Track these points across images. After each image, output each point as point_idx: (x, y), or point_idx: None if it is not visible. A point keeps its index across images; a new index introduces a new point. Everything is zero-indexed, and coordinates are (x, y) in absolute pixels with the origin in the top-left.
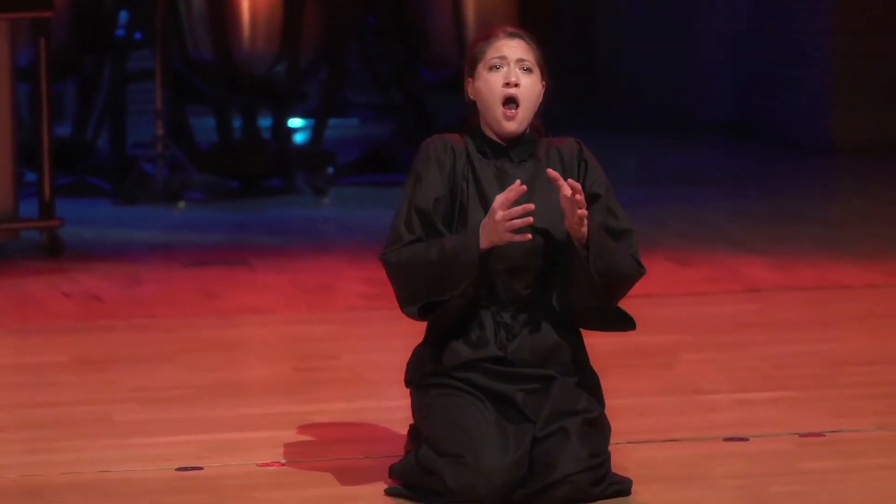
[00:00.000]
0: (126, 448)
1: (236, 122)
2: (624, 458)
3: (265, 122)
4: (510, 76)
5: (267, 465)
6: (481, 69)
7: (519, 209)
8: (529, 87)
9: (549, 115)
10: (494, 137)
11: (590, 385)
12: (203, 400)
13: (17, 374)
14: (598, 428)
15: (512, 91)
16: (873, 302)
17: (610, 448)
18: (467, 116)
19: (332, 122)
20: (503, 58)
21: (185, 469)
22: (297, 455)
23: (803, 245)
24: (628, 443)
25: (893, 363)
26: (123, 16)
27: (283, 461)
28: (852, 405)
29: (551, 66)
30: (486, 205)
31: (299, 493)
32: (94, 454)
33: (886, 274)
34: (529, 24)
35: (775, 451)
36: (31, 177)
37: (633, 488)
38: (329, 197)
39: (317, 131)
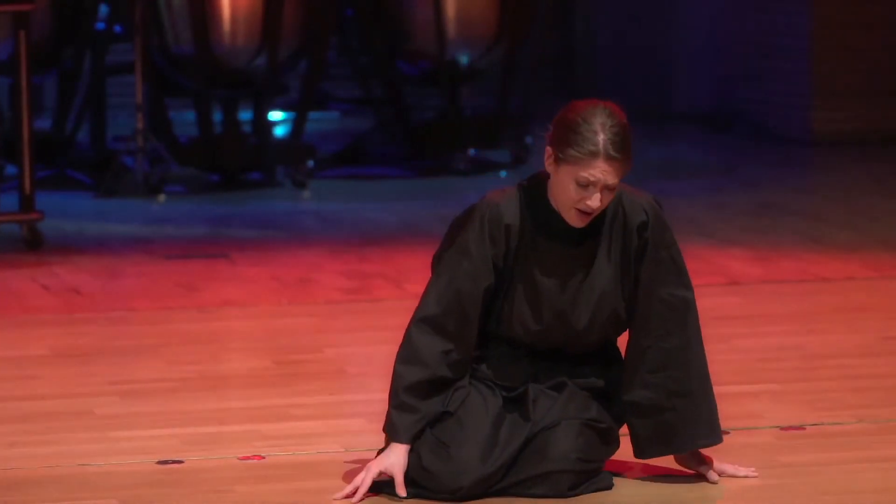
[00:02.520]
0: (106, 441)
1: (216, 116)
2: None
3: (245, 115)
4: (593, 203)
5: (248, 458)
6: (566, 167)
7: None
8: (604, 205)
9: (529, 109)
10: (558, 213)
11: (610, 405)
12: (184, 393)
13: None
14: (600, 437)
15: (589, 212)
16: (852, 295)
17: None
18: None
19: (311, 115)
20: (595, 182)
21: (166, 462)
22: (278, 448)
23: (783, 237)
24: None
25: (873, 356)
26: (103, 9)
27: (264, 454)
28: (832, 398)
29: (529, 58)
30: (532, 288)
31: (280, 486)
32: (75, 447)
33: (866, 267)
34: (510, 15)
35: (756, 444)
36: (10, 169)
37: (614, 481)
38: (309, 190)
39: (297, 125)
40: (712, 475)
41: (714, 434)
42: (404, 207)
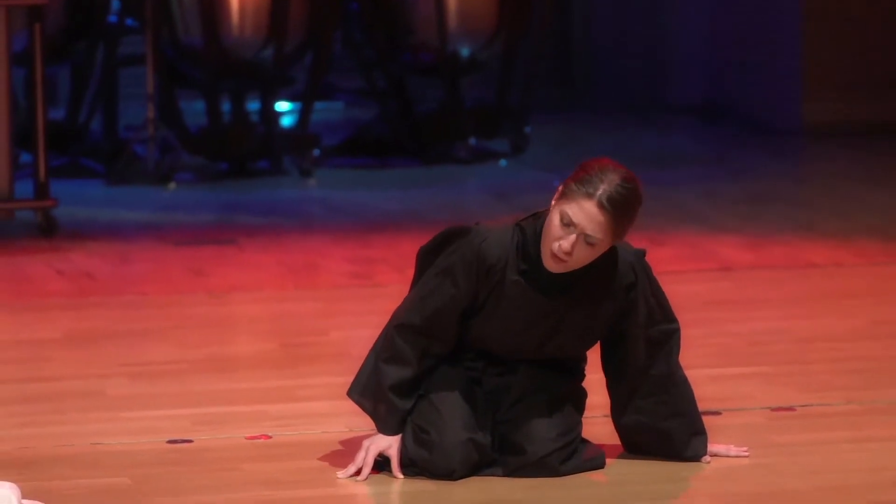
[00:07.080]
0: (118, 421)
1: (225, 106)
2: (599, 431)
3: (253, 105)
4: (564, 243)
5: (255, 437)
6: (562, 201)
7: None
8: (580, 258)
9: (528, 100)
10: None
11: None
12: (193, 374)
13: (11, 350)
14: (568, 398)
15: (560, 255)
16: (841, 280)
17: (583, 419)
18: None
19: (317, 105)
20: (575, 224)
21: (176, 441)
22: (283, 428)
23: (774, 225)
24: (603, 416)
25: (861, 340)
26: (115, 3)
27: (271, 434)
28: (822, 380)
29: (528, 51)
30: (500, 321)
31: (285, 465)
32: (87, 427)
33: (854, 254)
34: (509, 9)
35: (747, 424)
36: (25, 158)
37: (607, 461)
38: (315, 178)
39: (303, 115)
40: (704, 457)
41: (705, 444)
42: (407, 195)
